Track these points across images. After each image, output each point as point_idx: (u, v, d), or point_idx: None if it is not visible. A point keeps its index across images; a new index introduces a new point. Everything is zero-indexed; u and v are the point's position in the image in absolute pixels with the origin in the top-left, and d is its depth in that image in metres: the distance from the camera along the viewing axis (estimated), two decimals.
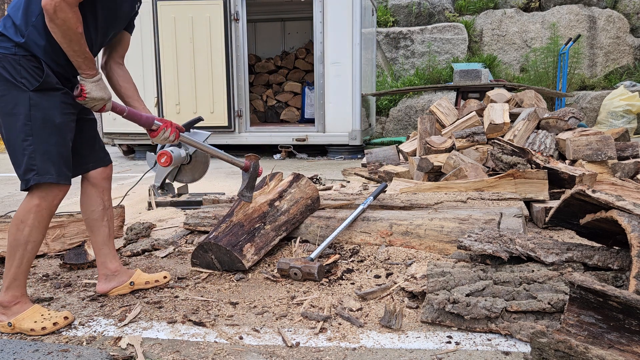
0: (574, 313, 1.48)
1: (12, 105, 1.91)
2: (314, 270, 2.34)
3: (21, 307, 2.00)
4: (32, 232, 1.97)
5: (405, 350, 1.75)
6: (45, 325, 1.95)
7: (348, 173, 5.49)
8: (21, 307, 2.00)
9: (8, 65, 1.89)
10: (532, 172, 3.26)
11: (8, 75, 1.89)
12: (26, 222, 1.96)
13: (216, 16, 7.46)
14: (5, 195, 5.02)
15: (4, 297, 1.99)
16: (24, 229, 1.96)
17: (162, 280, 2.42)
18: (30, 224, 1.96)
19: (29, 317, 1.97)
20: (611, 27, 9.85)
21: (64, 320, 1.99)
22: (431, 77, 10.07)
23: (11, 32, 1.91)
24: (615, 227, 1.78)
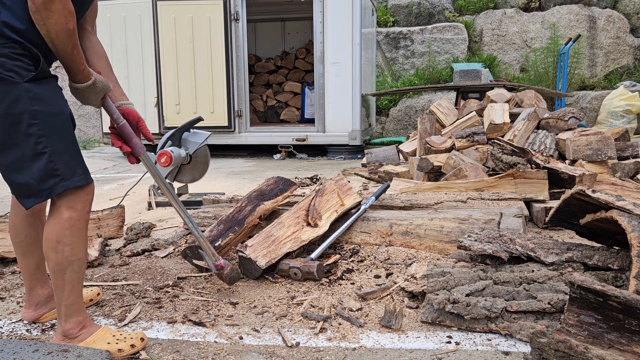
0: (574, 313, 1.48)
1: (5, 103, 1.58)
2: (313, 270, 2.34)
3: (89, 330, 1.79)
4: (74, 249, 1.72)
5: (405, 350, 1.75)
6: (122, 347, 1.75)
7: (348, 173, 5.49)
8: (89, 330, 1.79)
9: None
10: (532, 172, 3.26)
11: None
12: (63, 241, 1.69)
13: (216, 16, 7.46)
14: (5, 195, 5.02)
15: (67, 325, 1.77)
16: (63, 249, 1.70)
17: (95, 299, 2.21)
18: (69, 242, 1.70)
19: (100, 339, 1.77)
20: (611, 27, 9.85)
21: (141, 342, 1.79)
22: (431, 77, 10.07)
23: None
24: (615, 227, 1.78)
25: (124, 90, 2.06)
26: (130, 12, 7.65)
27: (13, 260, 2.80)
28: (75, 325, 1.78)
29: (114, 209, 3.26)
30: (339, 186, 2.90)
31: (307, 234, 2.58)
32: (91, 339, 1.77)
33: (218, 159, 7.68)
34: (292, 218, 2.64)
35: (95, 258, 2.76)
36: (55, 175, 1.65)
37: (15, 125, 1.60)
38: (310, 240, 2.57)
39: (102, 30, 7.78)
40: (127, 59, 7.73)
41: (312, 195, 2.79)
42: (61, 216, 1.70)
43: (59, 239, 1.69)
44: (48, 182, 1.65)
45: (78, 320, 1.78)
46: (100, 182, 5.79)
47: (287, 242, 2.51)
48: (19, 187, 1.68)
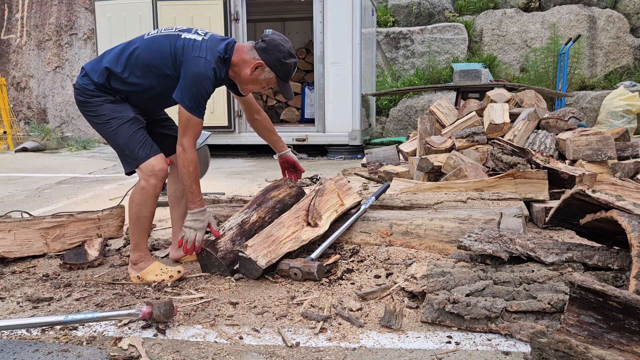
0: (574, 313, 1.48)
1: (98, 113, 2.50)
2: (313, 270, 2.34)
3: (145, 263, 2.48)
4: (142, 209, 2.42)
5: (405, 350, 1.75)
6: (164, 277, 2.43)
7: (348, 173, 5.49)
8: (145, 263, 2.48)
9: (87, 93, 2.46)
10: (532, 172, 3.25)
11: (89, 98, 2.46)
12: (135, 201, 2.42)
13: (216, 16, 7.46)
14: (5, 195, 5.02)
15: (132, 256, 2.49)
16: (133, 206, 2.42)
17: None
18: (139, 202, 2.42)
19: (151, 272, 2.45)
20: (611, 27, 9.85)
21: (178, 274, 2.45)
22: (431, 77, 10.07)
23: (92, 72, 2.47)
24: (615, 227, 1.78)
25: None
26: (130, 12, 7.64)
27: (13, 260, 2.80)
28: (137, 257, 2.48)
29: (114, 209, 3.26)
30: (338, 186, 2.90)
31: (307, 234, 2.58)
32: (146, 270, 2.47)
33: (218, 159, 7.68)
34: (292, 218, 2.64)
35: (95, 258, 2.76)
36: (128, 156, 2.46)
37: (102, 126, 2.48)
38: (310, 240, 2.57)
39: (102, 30, 7.79)
40: None
41: (312, 195, 2.79)
42: (139, 183, 2.43)
43: (134, 199, 2.42)
44: (127, 160, 2.49)
45: (139, 255, 2.48)
46: (100, 182, 5.79)
47: (287, 242, 2.51)
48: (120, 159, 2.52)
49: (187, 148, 2.35)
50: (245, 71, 2.39)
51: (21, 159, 8.58)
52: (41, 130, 10.71)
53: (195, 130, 2.36)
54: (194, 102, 2.30)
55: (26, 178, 6.30)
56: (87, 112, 2.47)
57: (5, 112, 10.13)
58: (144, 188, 2.39)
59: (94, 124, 2.50)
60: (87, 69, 2.47)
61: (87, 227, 3.07)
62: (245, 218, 2.65)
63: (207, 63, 2.28)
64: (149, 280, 2.44)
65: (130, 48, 2.42)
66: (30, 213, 3.43)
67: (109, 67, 2.40)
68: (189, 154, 2.36)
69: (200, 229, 2.41)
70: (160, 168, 2.40)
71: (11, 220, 2.91)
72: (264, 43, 2.37)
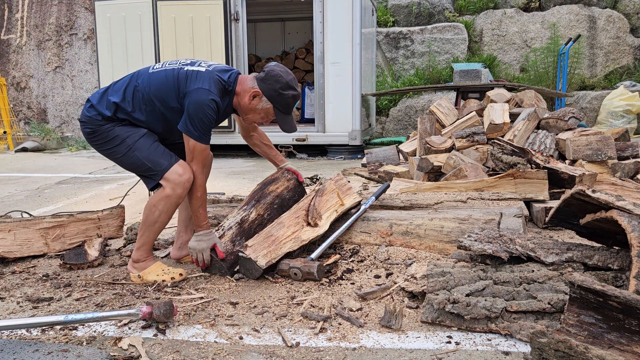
0: (574, 313, 1.48)
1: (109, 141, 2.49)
2: (313, 270, 2.34)
3: (147, 263, 2.50)
4: (160, 215, 2.44)
5: (405, 350, 1.75)
6: (165, 278, 2.45)
7: (348, 173, 5.49)
8: (147, 263, 2.50)
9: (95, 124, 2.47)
10: (532, 172, 3.25)
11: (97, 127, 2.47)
12: (156, 206, 2.43)
13: (216, 16, 7.46)
14: (5, 195, 5.02)
15: (135, 254, 2.50)
16: (153, 212, 2.43)
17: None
18: (159, 208, 2.43)
19: (153, 272, 2.47)
20: (611, 27, 9.84)
21: (179, 276, 2.47)
22: (431, 77, 10.07)
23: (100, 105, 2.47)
24: (615, 227, 1.78)
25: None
26: (130, 12, 7.64)
27: (13, 260, 2.80)
28: (139, 257, 2.49)
29: (114, 209, 3.26)
30: (338, 186, 2.90)
31: (307, 234, 2.58)
32: (148, 270, 2.48)
33: (218, 159, 7.67)
34: (292, 218, 2.64)
35: (95, 258, 2.76)
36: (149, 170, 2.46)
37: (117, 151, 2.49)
38: (310, 240, 2.57)
39: (102, 30, 7.78)
40: (127, 59, 7.72)
41: (312, 195, 2.79)
42: (163, 191, 2.42)
43: (155, 204, 2.43)
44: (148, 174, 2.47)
45: (142, 254, 2.49)
46: (100, 182, 5.79)
47: (287, 242, 2.51)
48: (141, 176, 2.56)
49: (196, 174, 2.41)
50: (245, 100, 2.46)
51: (21, 159, 8.58)
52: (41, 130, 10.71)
53: (202, 156, 2.41)
54: (198, 130, 2.34)
55: (26, 178, 6.30)
56: (98, 140, 2.47)
57: (5, 112, 10.13)
58: (169, 196, 2.39)
59: (108, 150, 2.48)
60: (93, 101, 2.47)
61: (87, 227, 3.07)
62: (244, 216, 2.65)
63: (208, 93, 2.32)
64: (149, 280, 2.45)
65: (135, 82, 2.44)
66: (30, 213, 3.43)
67: (116, 102, 2.42)
68: (197, 179, 2.41)
69: (205, 250, 2.45)
70: (187, 178, 2.39)
71: (11, 220, 2.91)
72: (264, 73, 2.45)
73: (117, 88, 2.47)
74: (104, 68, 7.87)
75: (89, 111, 2.46)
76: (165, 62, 2.54)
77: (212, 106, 2.33)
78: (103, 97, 2.46)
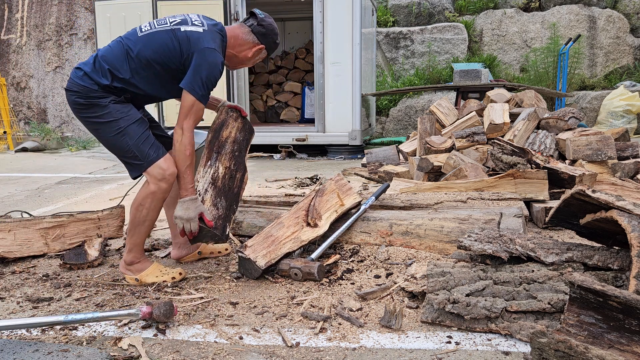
0: (574, 313, 1.48)
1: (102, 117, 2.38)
2: (314, 270, 2.34)
3: (142, 265, 2.46)
4: (148, 213, 2.39)
5: (405, 350, 1.75)
6: (165, 279, 2.43)
7: (348, 173, 5.49)
8: (142, 265, 2.46)
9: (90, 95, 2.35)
10: (532, 172, 3.25)
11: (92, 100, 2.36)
12: (142, 204, 2.37)
13: (216, 16, 7.39)
14: (5, 195, 5.02)
15: (127, 257, 2.44)
16: (140, 210, 2.38)
17: (224, 252, 2.84)
18: (146, 206, 2.38)
19: (151, 273, 2.44)
20: (611, 27, 9.85)
21: (179, 276, 2.46)
22: (431, 77, 10.07)
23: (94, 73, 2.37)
24: (615, 227, 1.78)
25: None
26: (130, 12, 7.64)
27: (13, 260, 2.80)
28: (132, 258, 2.44)
29: (114, 209, 3.26)
30: (338, 186, 2.91)
31: (307, 234, 2.58)
32: (145, 272, 2.44)
33: None
34: (292, 218, 2.64)
35: (95, 258, 2.76)
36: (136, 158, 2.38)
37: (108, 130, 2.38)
38: (310, 241, 2.57)
39: (102, 30, 7.78)
40: None
41: (312, 196, 2.79)
42: (147, 187, 2.37)
43: (141, 202, 2.37)
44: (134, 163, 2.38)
45: (135, 256, 2.44)
46: (100, 182, 5.79)
47: (286, 242, 2.51)
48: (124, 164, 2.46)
49: (187, 131, 2.35)
50: (246, 54, 2.55)
51: (21, 159, 8.58)
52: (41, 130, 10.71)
53: (198, 114, 2.38)
54: (202, 89, 2.34)
55: (26, 178, 6.30)
56: (89, 113, 2.36)
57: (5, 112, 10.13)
58: (155, 193, 2.35)
59: (97, 126, 2.38)
60: (86, 69, 2.36)
61: (87, 227, 3.07)
62: (213, 173, 2.53)
63: (217, 53, 2.37)
64: (148, 282, 2.42)
65: (126, 48, 2.38)
66: (30, 213, 3.43)
67: (111, 70, 2.35)
68: (187, 136, 2.35)
69: (193, 219, 2.32)
70: (172, 172, 2.36)
71: (11, 220, 2.91)
72: (263, 29, 2.57)
73: (109, 55, 2.38)
74: None
75: (82, 80, 2.34)
76: (152, 22, 2.49)
77: (220, 67, 2.38)
78: (96, 65, 2.37)
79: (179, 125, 2.35)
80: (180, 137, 2.34)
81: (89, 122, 2.40)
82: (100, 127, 2.38)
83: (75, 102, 2.37)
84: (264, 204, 3.39)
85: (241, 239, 3.05)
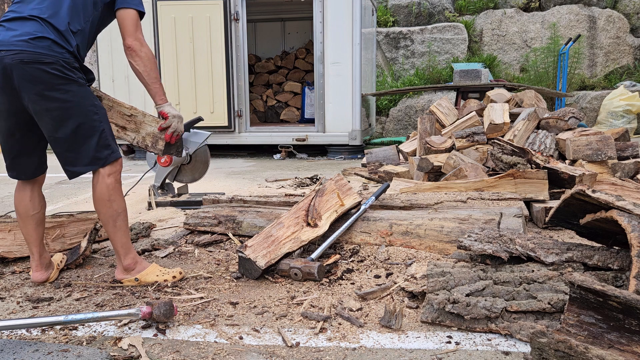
0: (574, 313, 1.48)
1: (79, 97, 2.19)
2: (314, 270, 2.34)
3: (141, 265, 2.40)
4: (120, 203, 2.31)
5: (405, 350, 1.75)
6: (167, 278, 2.39)
7: (348, 173, 5.49)
8: (141, 265, 2.40)
9: (65, 66, 2.15)
10: (532, 172, 3.26)
11: (70, 74, 2.17)
12: (111, 198, 2.28)
13: (216, 16, 7.46)
14: (5, 195, 5.02)
15: (126, 261, 2.36)
16: (112, 205, 2.28)
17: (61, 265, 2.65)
18: (116, 198, 2.30)
19: (151, 272, 2.38)
20: (611, 27, 9.85)
21: (180, 274, 2.43)
22: (431, 77, 10.07)
23: (60, 38, 2.15)
24: (615, 227, 1.78)
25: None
26: None
27: (13, 260, 2.80)
28: (131, 261, 2.36)
29: None
30: (339, 186, 2.91)
31: (307, 234, 2.58)
32: (145, 272, 2.38)
33: (218, 159, 7.68)
34: (292, 218, 2.64)
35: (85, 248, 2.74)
36: (109, 148, 2.27)
37: (85, 112, 2.21)
38: (310, 241, 2.57)
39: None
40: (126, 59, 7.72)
41: (312, 196, 2.79)
42: (106, 181, 2.27)
43: (110, 197, 2.28)
44: (103, 153, 2.25)
45: (132, 257, 2.36)
46: None
47: (286, 242, 2.51)
48: (75, 158, 2.24)
49: (144, 42, 2.34)
50: None
51: None
52: None
53: (140, 24, 2.37)
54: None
55: None
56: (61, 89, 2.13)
57: None
58: (117, 183, 2.30)
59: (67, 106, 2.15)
60: (50, 35, 2.12)
61: (87, 227, 3.06)
62: None
63: None
64: (148, 282, 2.40)
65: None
66: None
67: (70, 28, 2.20)
68: (147, 46, 2.34)
69: (182, 119, 2.49)
70: (121, 161, 2.36)
71: (11, 220, 2.91)
72: None
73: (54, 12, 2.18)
74: (103, 68, 7.87)
75: (56, 49, 2.12)
76: None
77: None
78: (56, 25, 2.16)
79: (133, 38, 2.31)
80: (141, 48, 2.31)
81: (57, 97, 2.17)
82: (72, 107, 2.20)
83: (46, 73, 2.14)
84: (264, 204, 3.39)
85: (241, 239, 3.05)
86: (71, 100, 2.17)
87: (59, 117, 2.17)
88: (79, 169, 2.27)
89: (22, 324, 1.85)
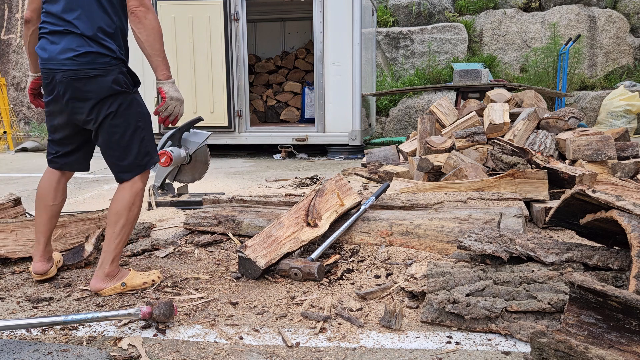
0: (574, 313, 1.48)
1: (123, 108, 2.22)
2: (314, 270, 2.34)
3: (123, 273, 2.36)
4: (137, 212, 2.32)
5: (405, 350, 1.75)
6: (154, 278, 2.40)
7: (348, 173, 5.49)
8: (123, 273, 2.36)
9: (112, 78, 2.18)
10: (532, 172, 3.26)
11: (117, 87, 2.19)
12: (135, 204, 2.29)
13: (216, 16, 7.46)
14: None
15: (110, 268, 2.29)
16: (131, 210, 2.29)
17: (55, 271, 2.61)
18: (137, 205, 2.31)
19: (136, 276, 2.37)
20: (611, 27, 9.85)
21: (158, 279, 2.42)
22: (431, 77, 10.07)
23: (101, 47, 2.15)
24: (615, 227, 1.78)
25: None
26: None
27: (14, 260, 2.80)
28: (114, 268, 2.32)
29: None
30: (339, 186, 2.91)
31: (307, 234, 2.58)
32: (129, 276, 2.35)
33: (218, 159, 7.68)
34: (292, 218, 2.64)
35: (89, 253, 2.75)
36: (148, 155, 2.33)
37: (130, 121, 2.25)
38: (310, 241, 2.57)
39: None
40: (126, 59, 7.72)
41: (312, 196, 2.79)
42: (136, 185, 2.30)
43: (133, 202, 2.29)
44: (144, 160, 2.31)
45: (117, 264, 2.34)
46: (100, 182, 5.78)
47: (286, 242, 2.51)
48: (118, 165, 2.31)
49: (151, 8, 2.17)
50: None
51: (21, 159, 8.58)
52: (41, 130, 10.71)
53: None
54: None
55: (26, 178, 6.30)
56: (107, 104, 2.19)
57: (5, 112, 10.13)
58: (143, 188, 2.34)
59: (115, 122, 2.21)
60: (93, 47, 2.13)
61: (87, 227, 3.06)
62: None
63: None
64: (136, 285, 2.34)
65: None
66: (31, 213, 3.43)
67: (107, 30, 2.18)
68: (153, 13, 2.17)
69: (182, 102, 2.32)
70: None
71: (13, 220, 2.91)
72: None
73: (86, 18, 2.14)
74: None
75: (96, 61, 2.14)
76: None
77: None
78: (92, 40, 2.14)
79: (140, 4, 2.13)
80: (148, 14, 2.14)
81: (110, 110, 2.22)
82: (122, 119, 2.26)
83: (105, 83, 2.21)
84: (264, 204, 3.39)
85: (241, 239, 3.05)
86: (117, 113, 2.22)
87: (106, 130, 2.25)
88: (123, 176, 2.33)
89: (22, 324, 1.85)
